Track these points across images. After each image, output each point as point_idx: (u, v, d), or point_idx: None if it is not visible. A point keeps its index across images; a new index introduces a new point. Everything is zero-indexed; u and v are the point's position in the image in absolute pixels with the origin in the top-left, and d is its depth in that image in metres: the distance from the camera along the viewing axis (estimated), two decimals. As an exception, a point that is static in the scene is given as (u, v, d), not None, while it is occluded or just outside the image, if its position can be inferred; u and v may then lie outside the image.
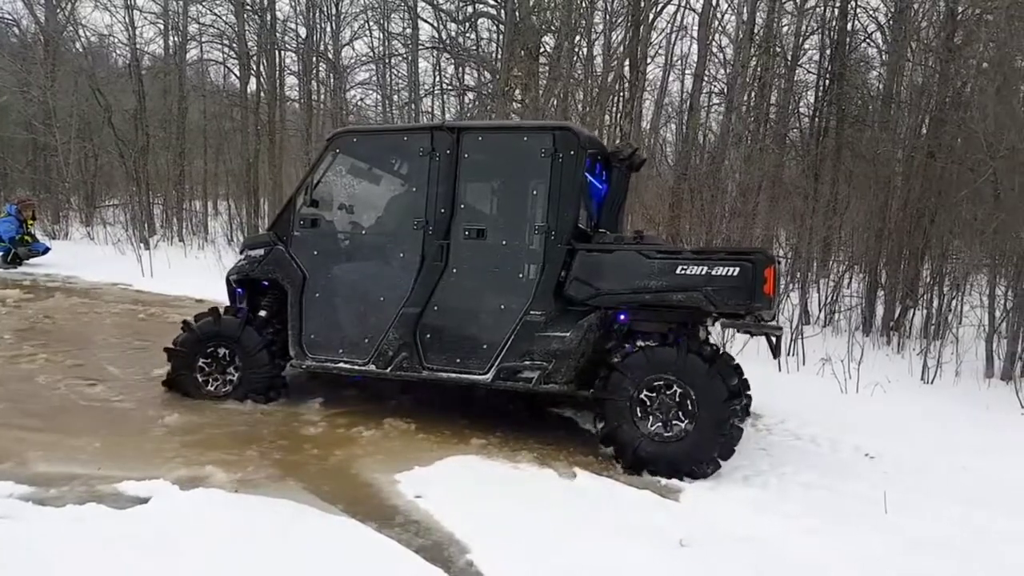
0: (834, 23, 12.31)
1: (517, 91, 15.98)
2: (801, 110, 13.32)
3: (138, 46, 17.02)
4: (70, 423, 4.63)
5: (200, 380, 5.09)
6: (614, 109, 15.54)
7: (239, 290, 5.18)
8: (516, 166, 4.64)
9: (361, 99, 19.49)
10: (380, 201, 5.00)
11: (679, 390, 4.03)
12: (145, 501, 3.47)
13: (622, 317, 4.32)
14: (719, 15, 13.15)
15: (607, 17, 13.85)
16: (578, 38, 15.32)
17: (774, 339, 4.44)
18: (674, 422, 4.04)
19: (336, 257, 4.91)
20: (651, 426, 4.08)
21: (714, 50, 12.72)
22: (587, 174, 4.61)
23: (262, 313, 5.08)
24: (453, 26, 17.00)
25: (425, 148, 4.59)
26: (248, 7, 16.02)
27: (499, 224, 4.69)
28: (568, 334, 4.27)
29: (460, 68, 17.60)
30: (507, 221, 4.73)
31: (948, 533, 3.49)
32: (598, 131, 14.12)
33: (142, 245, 13.47)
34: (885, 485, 4.02)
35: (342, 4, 16.76)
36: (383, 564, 3.00)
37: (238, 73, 17.56)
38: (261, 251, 4.97)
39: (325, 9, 16.64)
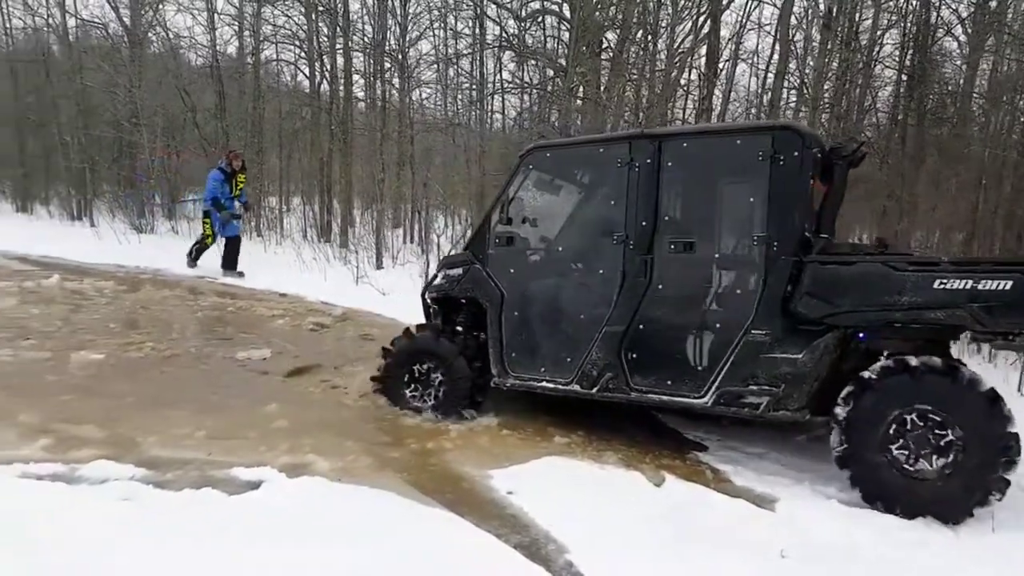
0: (913, 16, 11.86)
1: (581, 88, 15.95)
2: (878, 106, 12.90)
3: (216, 47, 17.59)
4: (175, 409, 4.86)
5: (407, 394, 5.11)
6: (683, 104, 15.39)
7: (436, 307, 5.24)
8: (728, 172, 4.33)
9: (427, 98, 19.74)
10: (576, 216, 4.85)
11: (946, 426, 3.52)
12: (256, 487, 3.64)
13: (861, 336, 3.92)
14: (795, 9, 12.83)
15: (674, 10, 13.69)
16: (642, 33, 15.21)
17: None
18: (930, 459, 3.56)
19: (533, 274, 4.82)
20: (901, 458, 3.62)
21: (791, 47, 12.38)
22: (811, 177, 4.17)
23: (459, 329, 5.08)
24: (516, 24, 17.03)
25: (623, 158, 4.39)
26: (319, 7, 16.36)
27: (710, 236, 4.33)
28: (800, 356, 3.89)
29: (522, 66, 17.63)
30: (720, 232, 4.37)
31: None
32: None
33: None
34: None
35: (409, 4, 16.97)
36: (484, 559, 3.07)
37: (307, 73, 17.99)
38: (459, 270, 4.98)
39: (393, 8, 16.87)
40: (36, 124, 18.87)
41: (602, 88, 14.87)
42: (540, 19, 17.30)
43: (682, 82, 15.38)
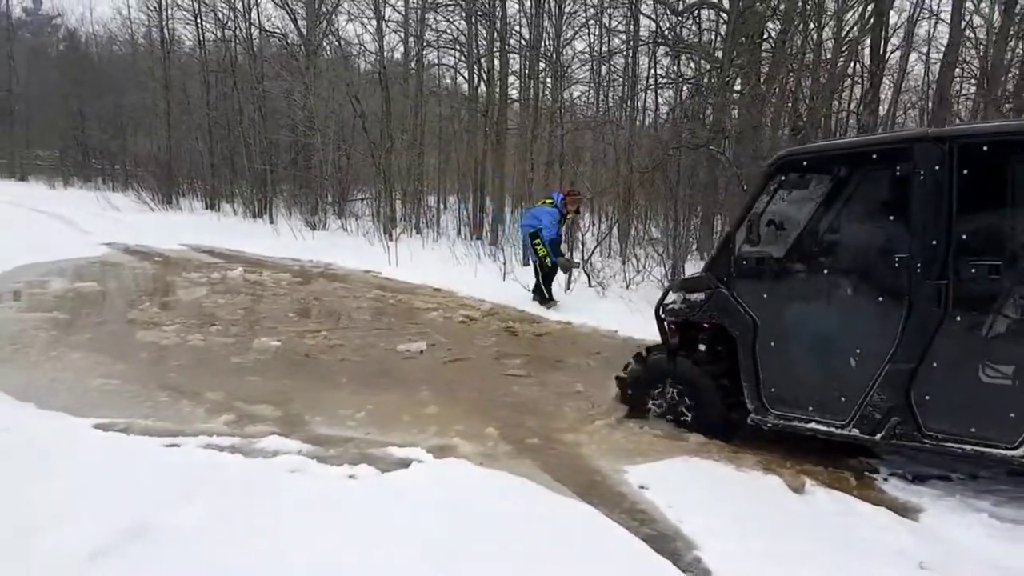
0: None
1: (738, 81, 15.46)
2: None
3: (384, 53, 18.80)
4: (341, 393, 5.42)
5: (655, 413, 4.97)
6: (848, 96, 14.49)
7: (672, 328, 4.95)
8: None
9: (579, 96, 19.96)
10: (842, 234, 4.15)
11: None
12: (406, 465, 4.02)
13: None
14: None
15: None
16: (803, 24, 14.48)
17: None
18: None
19: (792, 301, 4.26)
20: None
21: (967, 33, 11.39)
22: None
23: (702, 348, 4.82)
24: (671, 18, 16.78)
25: (904, 165, 3.76)
26: (479, 13, 17.03)
27: (1019, 258, 3.52)
28: None
29: (677, 60, 17.34)
30: None
31: None
32: (826, 122, 13.29)
33: (387, 236, 14.95)
34: None
35: (565, 4, 17.22)
36: (611, 548, 3.21)
37: (466, 76, 18.78)
38: (702, 295, 4.63)
39: (549, 9, 17.20)
40: (224, 129, 21.12)
41: (761, 80, 14.34)
42: (696, 13, 16.95)
43: (849, 72, 14.51)
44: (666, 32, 16.78)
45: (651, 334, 7.92)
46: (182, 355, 6.33)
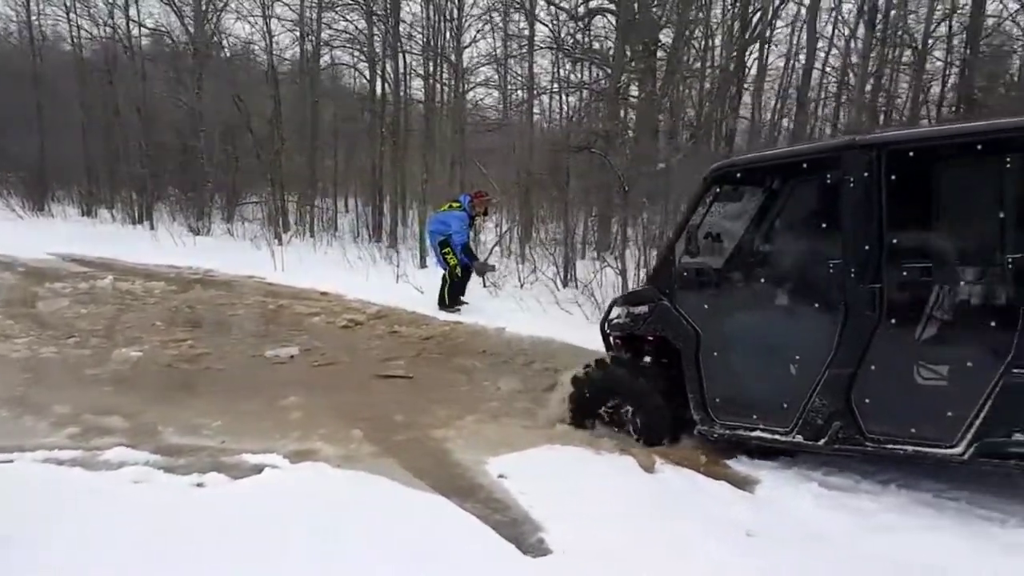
0: (966, 8, 11.58)
1: (633, 87, 15.99)
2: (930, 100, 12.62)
3: (275, 52, 18.39)
4: (200, 402, 5.26)
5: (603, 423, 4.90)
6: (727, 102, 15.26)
7: (618, 342, 5.06)
8: (969, 182, 3.67)
9: (480, 99, 20.12)
10: (778, 243, 4.26)
11: None
12: (260, 471, 3.94)
13: None
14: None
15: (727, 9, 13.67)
16: (693, 30, 15.17)
17: None
18: None
19: (732, 311, 4.32)
20: None
21: (839, 42, 12.28)
22: None
23: (647, 360, 4.86)
24: (571, 24, 17.20)
25: (834, 173, 3.84)
26: (376, 14, 16.91)
27: (951, 259, 3.62)
28: None
29: (576, 65, 17.77)
30: (963, 255, 3.64)
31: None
32: (718, 127, 13.99)
33: (276, 241, 14.60)
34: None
35: (464, 6, 17.36)
36: (460, 536, 3.28)
37: (367, 76, 18.60)
38: (645, 308, 4.68)
39: (448, 12, 17.29)
40: (102, 130, 20.05)
41: (656, 86, 14.90)
42: (590, 20, 17.42)
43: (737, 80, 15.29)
44: (564, 37, 17.20)
45: (537, 330, 8.15)
46: (32, 368, 5.99)
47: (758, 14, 13.64)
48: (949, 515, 3.61)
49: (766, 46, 16.61)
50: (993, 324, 3.46)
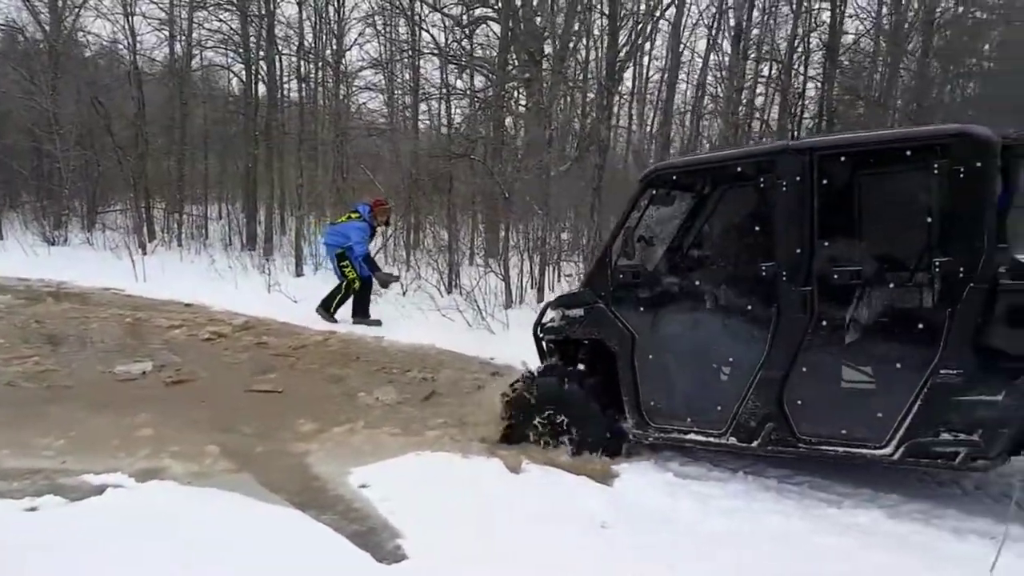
0: (826, 25, 12.57)
1: (522, 95, 16.23)
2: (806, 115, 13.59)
3: (142, 52, 17.44)
4: (42, 421, 4.89)
5: (538, 440, 4.72)
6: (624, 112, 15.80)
7: (551, 346, 4.93)
8: (898, 188, 3.74)
9: (364, 103, 19.83)
10: (713, 245, 4.29)
11: None
12: (101, 492, 3.72)
13: None
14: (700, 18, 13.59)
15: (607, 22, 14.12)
16: (576, 42, 15.60)
17: None
18: None
19: (667, 313, 4.32)
20: None
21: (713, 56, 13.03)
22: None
23: (581, 367, 4.74)
24: (458, 31, 17.28)
25: (767, 177, 3.90)
26: (251, 14, 16.37)
27: (880, 263, 3.71)
28: (1000, 398, 3.42)
29: (464, 72, 17.86)
30: (891, 258, 3.74)
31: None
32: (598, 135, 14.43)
33: (140, 250, 13.83)
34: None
35: (343, 10, 17.08)
36: (312, 549, 3.22)
37: (243, 78, 17.94)
38: (580, 311, 4.63)
39: (327, 15, 16.96)
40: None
41: (544, 96, 15.18)
42: (475, 28, 17.56)
43: (621, 91, 15.84)
44: (450, 44, 17.26)
45: (417, 337, 8.11)
46: None
47: (628, 30, 14.29)
48: (791, 498, 3.88)
49: (644, 59, 17.43)
50: (921, 326, 3.54)
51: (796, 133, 13.17)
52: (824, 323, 3.76)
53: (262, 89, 17.06)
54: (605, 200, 10.29)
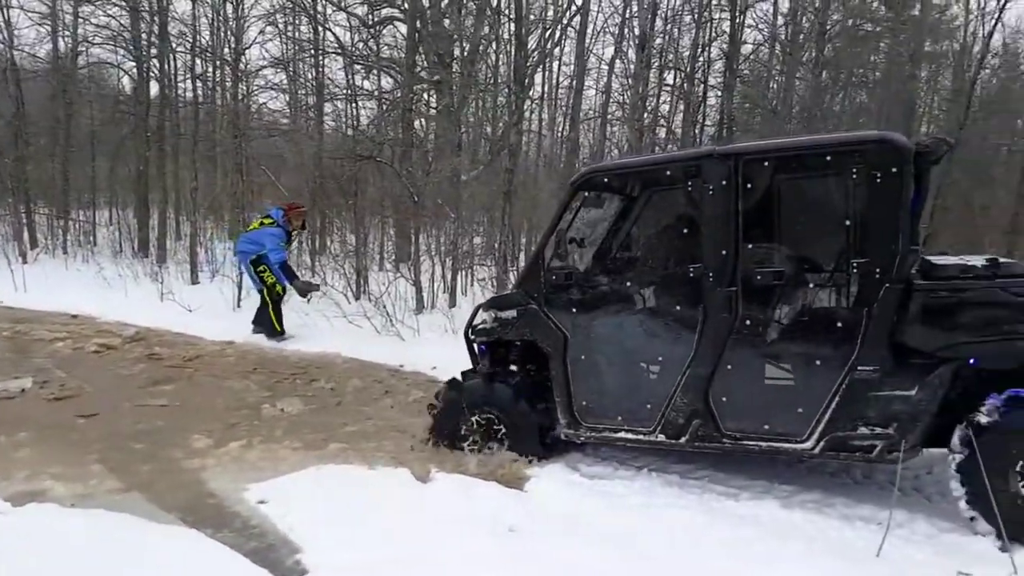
0: (726, 35, 13.12)
1: (431, 98, 16.16)
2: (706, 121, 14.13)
3: (20, 48, 16.39)
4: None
5: (465, 446, 4.71)
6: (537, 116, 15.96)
7: (483, 348, 4.88)
8: (819, 192, 3.93)
9: (264, 103, 19.28)
10: (643, 247, 4.47)
11: None
12: (-31, 518, 3.47)
13: (972, 361, 3.63)
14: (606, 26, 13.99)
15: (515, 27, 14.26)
16: (486, 46, 15.67)
17: None
18: None
19: (599, 313, 4.39)
20: None
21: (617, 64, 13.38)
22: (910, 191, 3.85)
23: (513, 368, 4.78)
24: (362, 31, 17.05)
25: (695, 181, 4.03)
26: (142, 10, 15.65)
27: (801, 264, 3.91)
28: (914, 393, 3.64)
29: (371, 73, 17.64)
30: (812, 260, 3.93)
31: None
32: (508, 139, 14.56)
33: (20, 258, 13.00)
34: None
35: (242, 7, 16.57)
36: (208, 569, 3.11)
37: (134, 76, 17.11)
38: (513, 312, 4.63)
39: (224, 12, 16.40)
40: None
41: (454, 99, 15.17)
42: (382, 28, 17.39)
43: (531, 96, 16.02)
44: (355, 44, 17.01)
45: (323, 346, 7.94)
46: None
47: (536, 36, 14.52)
48: (693, 493, 4.03)
49: (554, 65, 17.70)
50: (839, 325, 3.75)
51: (699, 141, 13.72)
52: (748, 322, 3.93)
53: (154, 88, 16.37)
54: (517, 204, 10.39)
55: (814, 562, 3.19)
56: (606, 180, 4.52)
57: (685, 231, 4.16)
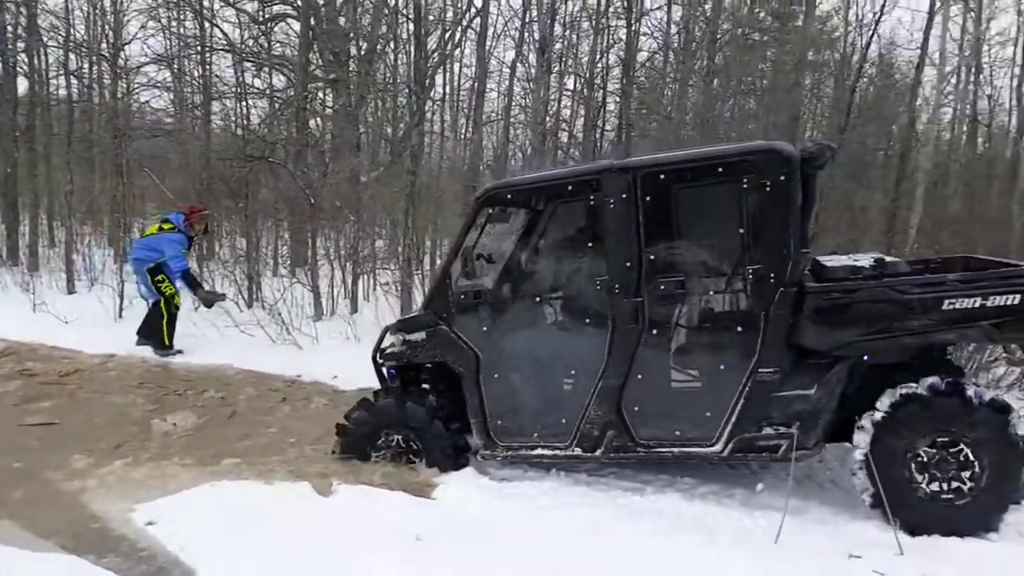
0: (623, 42, 13.53)
1: (328, 96, 15.82)
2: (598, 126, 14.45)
3: None
4: None
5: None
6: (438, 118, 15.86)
7: (392, 371, 4.79)
8: (713, 202, 4.10)
9: (146, 102, 18.36)
10: (550, 262, 4.47)
11: (964, 447, 3.62)
12: None
13: (864, 357, 3.84)
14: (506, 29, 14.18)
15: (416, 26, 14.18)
16: (384, 45, 15.52)
17: None
18: (956, 482, 3.64)
19: (510, 331, 4.42)
20: (930, 486, 3.67)
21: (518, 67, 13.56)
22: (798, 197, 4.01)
23: (424, 387, 4.71)
24: (253, 27, 16.54)
25: (596, 195, 4.12)
26: (8, 1, 14.60)
27: (701, 273, 4.08)
28: (813, 392, 3.83)
29: (262, 71, 17.13)
30: (711, 268, 4.11)
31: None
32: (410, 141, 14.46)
33: None
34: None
35: (120, 1, 15.75)
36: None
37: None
38: (422, 334, 4.54)
39: (102, 6, 15.52)
40: None
41: (352, 98, 14.89)
42: (273, 25, 16.92)
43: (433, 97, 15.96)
44: (246, 41, 16.47)
45: (212, 357, 7.63)
46: None
47: (435, 37, 14.51)
48: (600, 491, 4.14)
49: (455, 66, 17.73)
50: (740, 330, 3.92)
51: (600, 145, 14.05)
52: (655, 331, 4.05)
53: (23, 85, 15.31)
54: (421, 207, 10.32)
55: (716, 552, 3.33)
56: (510, 196, 4.56)
57: (590, 244, 4.25)
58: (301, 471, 4.41)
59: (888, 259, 4.10)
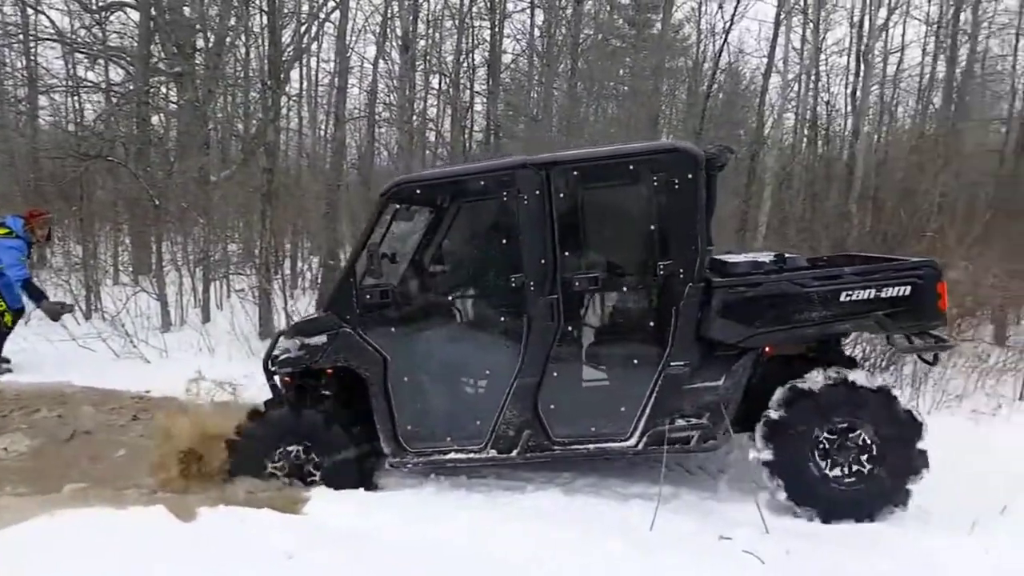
0: (487, 43, 13.68)
1: (172, 91, 14.91)
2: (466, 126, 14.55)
3: None
4: None
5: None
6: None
7: (287, 379, 4.49)
8: (624, 199, 4.22)
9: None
10: (462, 259, 4.47)
11: (861, 432, 3.88)
12: None
13: (767, 348, 4.05)
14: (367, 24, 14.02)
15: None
16: (234, 38, 14.84)
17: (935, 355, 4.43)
18: (856, 466, 3.88)
19: (420, 331, 4.31)
20: (832, 471, 3.89)
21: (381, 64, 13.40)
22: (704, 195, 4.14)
23: (326, 393, 4.42)
24: (86, 16, 15.35)
25: (509, 191, 4.07)
26: None
27: (614, 269, 4.18)
28: (721, 383, 4.00)
29: (96, 63, 15.92)
30: (623, 265, 4.22)
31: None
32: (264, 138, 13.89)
33: None
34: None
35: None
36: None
37: None
38: (324, 338, 4.28)
39: None
40: None
41: (199, 93, 14.11)
42: (109, 14, 15.78)
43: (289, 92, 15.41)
44: (77, 30, 15.26)
45: (45, 375, 6.99)
46: None
47: (291, 30, 14.06)
48: (480, 492, 4.17)
49: (312, 61, 17.23)
50: (652, 325, 4.05)
51: (468, 146, 14.12)
52: (570, 328, 4.10)
53: None
54: (279, 207, 9.94)
55: (596, 542, 3.41)
56: (418, 191, 4.45)
57: (504, 241, 4.21)
58: (156, 495, 4.12)
59: (788, 255, 4.36)
